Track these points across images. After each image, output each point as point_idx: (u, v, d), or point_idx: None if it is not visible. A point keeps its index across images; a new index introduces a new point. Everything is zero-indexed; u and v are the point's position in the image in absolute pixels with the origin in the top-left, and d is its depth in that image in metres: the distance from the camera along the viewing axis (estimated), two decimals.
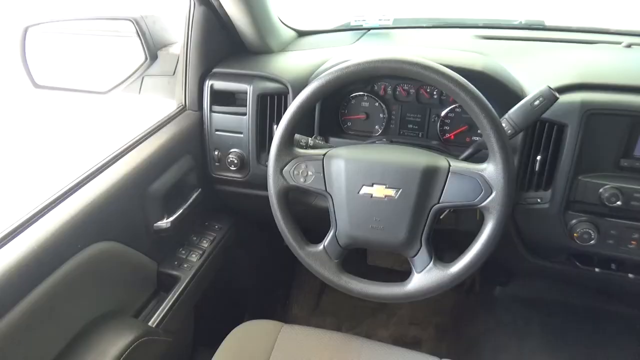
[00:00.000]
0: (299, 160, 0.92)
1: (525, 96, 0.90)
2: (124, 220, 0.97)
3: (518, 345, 1.39)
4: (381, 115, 1.17)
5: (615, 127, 0.93)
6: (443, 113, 1.12)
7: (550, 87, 0.87)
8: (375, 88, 1.16)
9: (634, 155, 0.94)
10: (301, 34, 1.42)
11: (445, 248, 0.90)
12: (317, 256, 0.93)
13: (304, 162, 0.91)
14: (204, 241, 1.20)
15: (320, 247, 0.93)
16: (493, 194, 0.82)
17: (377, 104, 1.17)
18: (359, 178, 0.88)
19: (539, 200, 1.01)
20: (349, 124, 1.20)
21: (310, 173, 0.91)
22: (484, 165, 0.84)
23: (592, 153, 0.95)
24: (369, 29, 1.45)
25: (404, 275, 0.92)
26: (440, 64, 0.83)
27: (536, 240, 1.08)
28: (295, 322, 1.10)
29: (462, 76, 0.83)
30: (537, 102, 0.88)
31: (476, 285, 1.69)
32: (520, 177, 1.01)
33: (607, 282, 1.12)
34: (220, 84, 1.16)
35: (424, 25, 1.46)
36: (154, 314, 1.02)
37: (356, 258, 1.81)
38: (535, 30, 1.38)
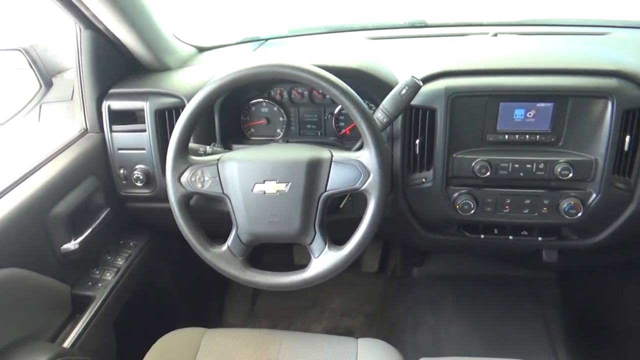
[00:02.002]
0: (195, 167, 0.96)
1: None
2: (27, 246, 0.97)
3: (435, 318, 1.50)
4: (281, 119, 1.24)
5: (478, 106, 1.03)
6: (336, 111, 1.21)
7: (414, 77, 0.97)
8: (272, 93, 1.23)
9: (497, 130, 1.05)
10: (201, 49, 1.46)
11: (347, 236, 0.96)
12: (222, 256, 0.97)
13: (200, 169, 0.96)
14: (119, 259, 1.21)
15: (225, 247, 0.98)
16: (370, 177, 0.90)
17: (275, 108, 1.23)
18: (251, 177, 0.94)
19: (424, 180, 1.10)
20: (252, 130, 1.26)
21: (206, 178, 0.95)
22: (360, 153, 0.91)
23: (462, 132, 1.05)
24: (266, 40, 1.52)
25: None
26: (317, 66, 0.90)
27: (427, 216, 1.17)
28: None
29: (338, 74, 0.90)
30: (404, 91, 0.97)
31: (397, 269, 1.79)
32: (405, 160, 1.10)
33: (497, 247, 1.23)
34: (117, 104, 1.18)
35: (318, 32, 1.55)
36: (69, 335, 1.02)
37: (284, 259, 1.87)
38: (418, 28, 1.52)
